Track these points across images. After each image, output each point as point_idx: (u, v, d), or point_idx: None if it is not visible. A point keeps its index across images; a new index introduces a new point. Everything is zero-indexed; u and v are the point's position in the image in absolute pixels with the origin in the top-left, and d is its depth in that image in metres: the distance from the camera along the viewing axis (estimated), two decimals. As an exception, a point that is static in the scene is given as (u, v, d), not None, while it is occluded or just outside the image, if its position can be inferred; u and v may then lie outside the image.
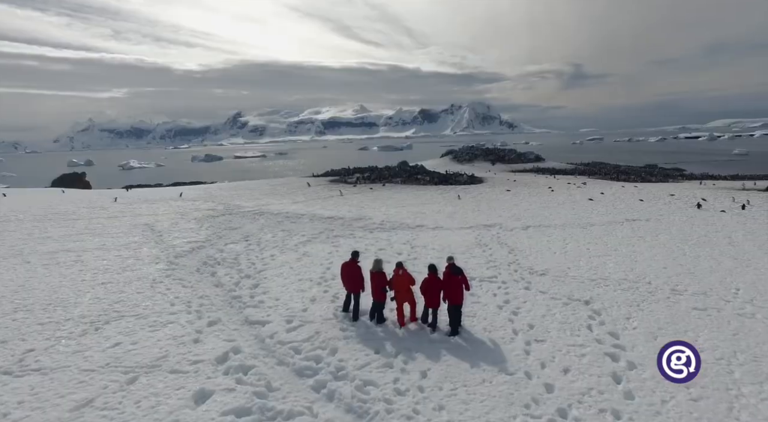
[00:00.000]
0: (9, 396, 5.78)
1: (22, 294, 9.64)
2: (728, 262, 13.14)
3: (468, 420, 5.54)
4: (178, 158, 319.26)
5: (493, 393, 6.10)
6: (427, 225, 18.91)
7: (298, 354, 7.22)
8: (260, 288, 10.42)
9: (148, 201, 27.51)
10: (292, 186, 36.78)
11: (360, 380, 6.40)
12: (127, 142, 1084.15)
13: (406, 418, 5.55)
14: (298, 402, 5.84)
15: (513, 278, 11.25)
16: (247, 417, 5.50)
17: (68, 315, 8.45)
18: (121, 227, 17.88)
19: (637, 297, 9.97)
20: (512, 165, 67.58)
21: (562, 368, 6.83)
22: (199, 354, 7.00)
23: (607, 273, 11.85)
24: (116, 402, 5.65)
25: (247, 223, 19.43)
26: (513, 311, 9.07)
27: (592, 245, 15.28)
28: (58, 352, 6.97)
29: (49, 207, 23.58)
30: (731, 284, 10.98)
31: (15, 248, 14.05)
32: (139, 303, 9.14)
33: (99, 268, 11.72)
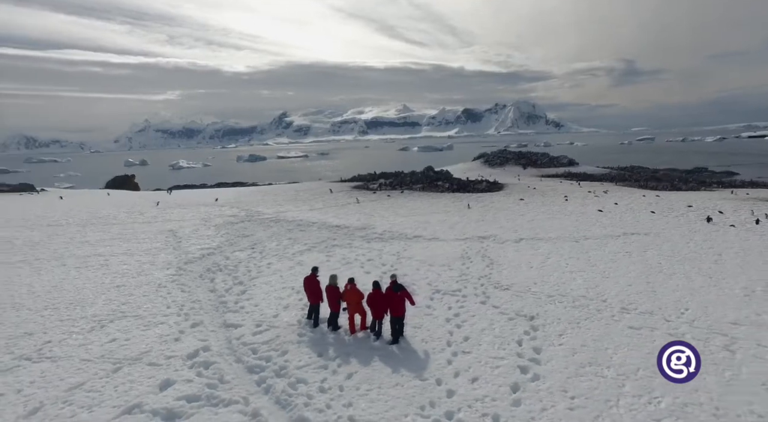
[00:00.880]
0: (24, 376, 7.58)
1: (54, 294, 11.72)
2: (700, 280, 13.44)
3: (367, 415, 6.77)
4: (225, 158, 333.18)
5: (400, 396, 7.28)
6: (424, 236, 19.99)
7: (254, 353, 8.68)
8: (246, 295, 12.01)
9: (181, 206, 30.12)
10: (316, 192, 38.68)
11: (294, 378, 7.76)
12: (179, 141, 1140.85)
13: (317, 411, 6.85)
14: (239, 393, 7.28)
15: (475, 293, 12.24)
16: (194, 402, 6.99)
17: (83, 314, 10.35)
18: (149, 233, 20.17)
19: (583, 315, 10.73)
20: (544, 169, 66.75)
21: (472, 377, 7.88)
22: (175, 351, 8.60)
23: (569, 290, 12.57)
24: (100, 386, 7.30)
25: (260, 230, 21.26)
26: (457, 325, 10.13)
27: (574, 260, 15.87)
28: (68, 345, 8.79)
29: (94, 212, 26.53)
30: (685, 304, 11.43)
31: (57, 251, 16.48)
32: (141, 305, 10.95)
33: (119, 272, 13.76)
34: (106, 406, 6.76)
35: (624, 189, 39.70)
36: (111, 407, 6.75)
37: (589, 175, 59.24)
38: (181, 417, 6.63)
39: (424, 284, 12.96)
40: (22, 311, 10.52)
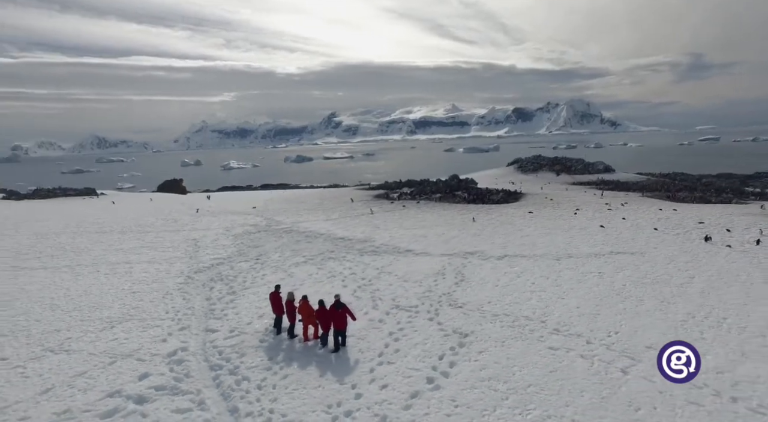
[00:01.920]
0: (46, 364, 10.12)
1: (83, 297, 14.52)
2: (650, 304, 14.22)
3: (284, 409, 8.66)
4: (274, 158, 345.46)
5: (317, 395, 9.12)
6: (415, 250, 21.59)
7: (219, 354, 10.82)
8: (233, 304, 14.25)
9: (213, 213, 33.36)
10: (339, 200, 40.99)
11: (242, 376, 9.79)
12: (233, 141, 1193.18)
13: (248, 403, 8.83)
14: (196, 386, 9.40)
15: (428, 310, 13.79)
16: (161, 391, 9.17)
17: (100, 316, 12.98)
18: (175, 241, 23.13)
19: (513, 334, 12.06)
20: (576, 176, 65.78)
21: (383, 384, 9.56)
22: (160, 350, 10.91)
23: (517, 310, 13.83)
24: (96, 375, 9.68)
25: (271, 241, 23.70)
26: (396, 338, 11.79)
27: (542, 279, 16.94)
28: (82, 341, 11.33)
29: (136, 218, 30.18)
30: (618, 327, 12.42)
31: (96, 258, 19.63)
32: (146, 310, 13.46)
33: (138, 279, 16.50)
34: (96, 390, 9.10)
35: (647, 201, 39.05)
36: (100, 391, 9.07)
37: (622, 183, 57.87)
38: (147, 401, 8.83)
39: (389, 300, 14.67)
40: (57, 311, 13.32)
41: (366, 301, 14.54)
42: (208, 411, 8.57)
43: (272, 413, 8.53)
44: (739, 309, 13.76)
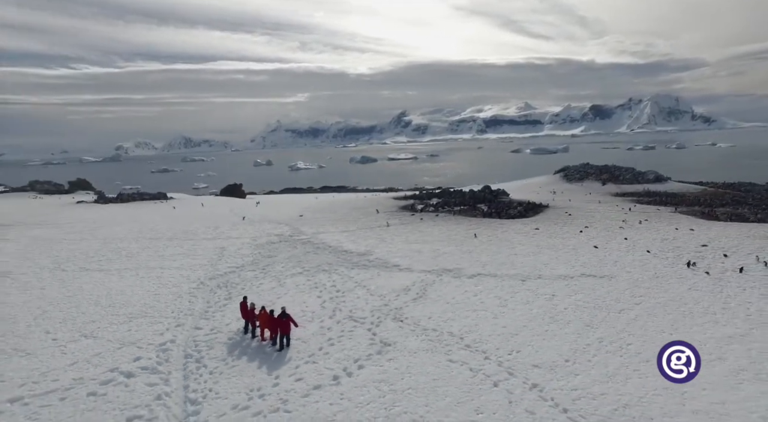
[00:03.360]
0: (78, 346, 14.41)
1: (118, 296, 19.10)
2: (575, 327, 15.91)
3: (217, 388, 12.05)
4: (342, 158, 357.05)
5: (246, 382, 12.44)
6: (401, 266, 24.28)
7: (195, 347, 14.53)
8: (224, 308, 18.01)
9: (250, 222, 38.12)
10: (367, 210, 44.19)
11: (203, 363, 13.39)
12: (305, 140, 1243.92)
13: (198, 383, 12.32)
14: (168, 369, 13.12)
15: (372, 322, 16.57)
16: (145, 370, 12.96)
17: (125, 312, 17.34)
18: (206, 249, 27.76)
19: (428, 347, 14.56)
20: (623, 186, 63.72)
21: (299, 377, 12.64)
22: (154, 341, 14.85)
23: (447, 326, 16.18)
24: (107, 355, 13.75)
25: (284, 252, 27.54)
26: (332, 343, 14.82)
27: (494, 298, 18.99)
28: (107, 330, 15.62)
29: (185, 225, 35.63)
30: (525, 347, 14.44)
31: (140, 262, 24.60)
32: (158, 309, 17.64)
33: (163, 283, 20.94)
34: (103, 366, 13.15)
35: (675, 217, 38.11)
36: (105, 367, 13.11)
37: (670, 194, 55.52)
38: (133, 376, 12.67)
39: (346, 311, 17.68)
40: (97, 306, 17.93)
41: (328, 311, 17.68)
42: (169, 386, 12.25)
43: (210, 391, 12.01)
44: (653, 337, 15.11)
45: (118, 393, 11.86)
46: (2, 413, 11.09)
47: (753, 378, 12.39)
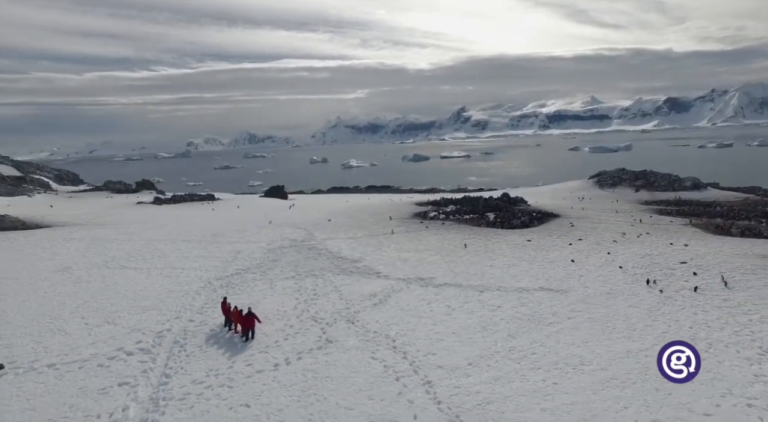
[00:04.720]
0: (101, 330, 19.13)
1: (141, 292, 23.94)
2: (497, 336, 18.31)
3: (187, 367, 16.06)
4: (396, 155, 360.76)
5: (209, 365, 16.36)
6: (381, 273, 27.42)
7: (184, 335, 18.76)
8: (219, 305, 22.20)
9: (273, 226, 42.75)
10: (381, 217, 47.28)
11: (184, 348, 17.51)
12: (365, 136, 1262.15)
13: (174, 362, 16.45)
14: (158, 351, 17.37)
15: (328, 322, 19.96)
16: (141, 350, 17.28)
17: (142, 304, 22.03)
18: (224, 252, 32.46)
19: (362, 346, 17.71)
20: (656, 193, 62.25)
21: (249, 363, 16.35)
22: (155, 328, 19.26)
23: (388, 329, 19.19)
24: (119, 338, 18.26)
25: (289, 256, 31.59)
26: (287, 338, 18.47)
27: (444, 307, 21.58)
28: (125, 319, 20.29)
29: (216, 228, 40.88)
30: (441, 350, 17.22)
31: (167, 263, 29.64)
32: (167, 304, 22.16)
33: (178, 281, 25.63)
34: (113, 346, 17.64)
35: (683, 231, 37.92)
36: (114, 347, 17.59)
37: (703, 203, 53.86)
38: (132, 355, 17.04)
39: (312, 313, 21.23)
40: (123, 300, 22.79)
41: (297, 312, 21.32)
42: (155, 363, 16.49)
43: (181, 369, 16.08)
44: (559, 349, 17.28)
45: (118, 366, 16.26)
46: (41, 373, 15.81)
47: (617, 385, 14.37)
